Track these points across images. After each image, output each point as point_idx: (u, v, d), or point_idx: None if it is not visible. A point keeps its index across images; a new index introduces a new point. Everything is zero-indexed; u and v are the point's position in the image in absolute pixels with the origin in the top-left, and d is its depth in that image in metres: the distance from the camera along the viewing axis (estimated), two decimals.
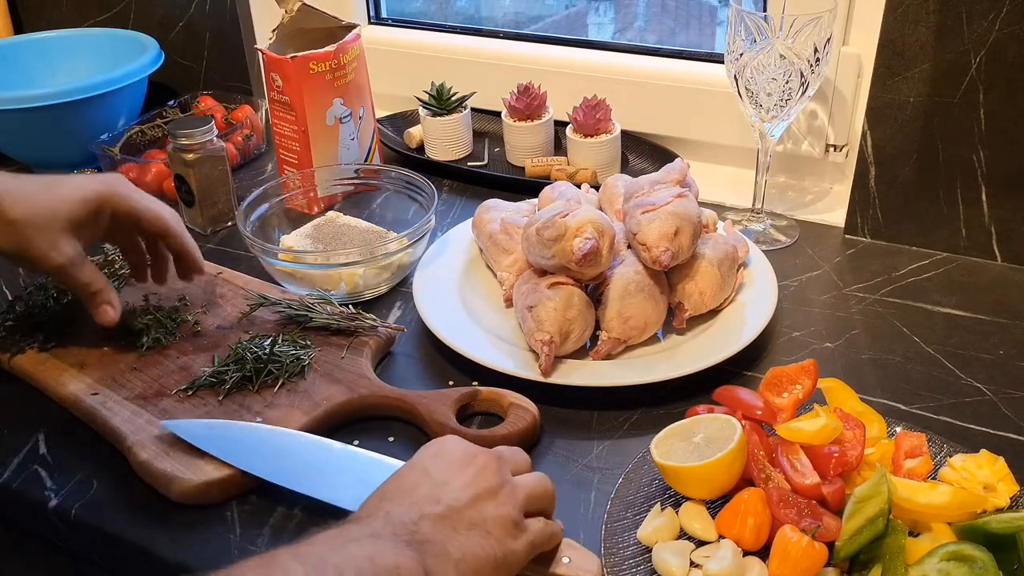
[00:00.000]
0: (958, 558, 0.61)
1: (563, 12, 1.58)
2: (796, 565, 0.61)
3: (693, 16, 1.48)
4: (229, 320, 0.94)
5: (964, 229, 1.02)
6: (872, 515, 0.62)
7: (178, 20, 1.47)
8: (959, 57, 0.94)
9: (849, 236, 1.08)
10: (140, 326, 0.91)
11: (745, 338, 0.87)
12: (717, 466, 0.67)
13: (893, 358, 0.89)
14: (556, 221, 0.85)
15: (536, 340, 0.84)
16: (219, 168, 1.11)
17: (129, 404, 0.83)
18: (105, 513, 0.75)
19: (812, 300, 0.97)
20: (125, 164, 1.23)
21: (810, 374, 0.75)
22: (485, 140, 1.32)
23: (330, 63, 1.11)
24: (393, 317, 0.97)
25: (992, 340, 0.90)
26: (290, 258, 0.98)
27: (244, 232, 0.98)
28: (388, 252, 0.97)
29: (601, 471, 0.77)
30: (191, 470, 0.75)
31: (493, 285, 0.99)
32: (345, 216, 1.09)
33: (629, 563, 0.66)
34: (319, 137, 1.13)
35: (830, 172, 1.20)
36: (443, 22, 1.44)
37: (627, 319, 0.86)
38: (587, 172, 1.18)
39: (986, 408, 0.82)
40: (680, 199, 0.89)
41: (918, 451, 0.71)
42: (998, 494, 0.68)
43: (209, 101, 1.37)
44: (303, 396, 0.83)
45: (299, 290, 0.98)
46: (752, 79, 0.97)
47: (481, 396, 0.83)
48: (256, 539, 0.72)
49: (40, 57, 1.41)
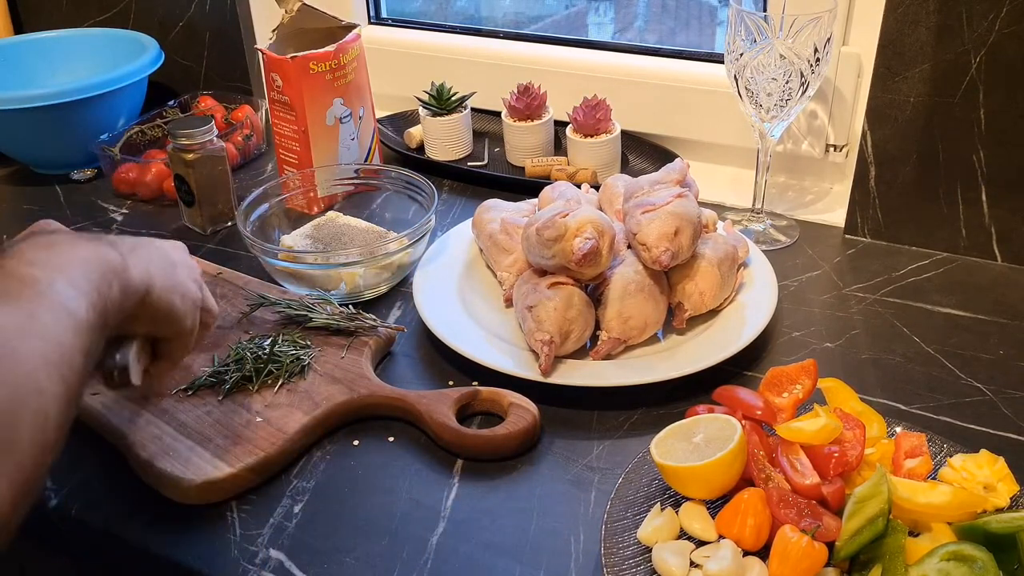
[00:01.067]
0: (958, 558, 0.61)
1: (563, 12, 1.58)
2: (796, 565, 0.62)
3: (693, 16, 1.48)
4: (229, 320, 0.94)
5: (964, 229, 1.02)
6: (872, 515, 0.62)
7: (178, 20, 1.47)
8: (959, 57, 0.94)
9: (849, 236, 1.08)
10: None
11: (745, 338, 0.87)
12: (717, 466, 0.67)
13: (893, 358, 0.89)
14: (556, 221, 0.85)
15: (536, 340, 0.84)
16: (219, 168, 1.11)
17: (129, 404, 0.83)
18: (105, 513, 0.75)
19: (812, 300, 0.97)
20: (125, 164, 1.23)
21: (810, 374, 0.75)
22: (485, 140, 1.32)
23: (330, 63, 1.11)
24: (393, 317, 0.97)
25: (992, 340, 0.90)
26: (290, 258, 0.98)
27: (244, 232, 0.98)
28: (388, 252, 0.97)
29: (601, 471, 0.77)
30: (191, 470, 0.75)
31: (493, 285, 0.99)
32: (345, 216, 1.09)
33: (629, 563, 0.66)
34: (319, 137, 1.13)
35: (830, 172, 1.20)
36: (443, 22, 1.44)
37: (627, 319, 0.86)
38: (587, 172, 1.18)
39: (986, 408, 0.82)
40: (680, 199, 0.89)
41: (918, 451, 0.71)
42: (998, 494, 0.68)
43: (209, 101, 1.37)
44: (303, 396, 0.83)
45: (299, 290, 0.98)
46: (752, 79, 0.97)
47: (481, 396, 0.83)
48: (256, 539, 0.72)
49: (40, 57, 1.41)
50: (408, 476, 0.78)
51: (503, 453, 0.78)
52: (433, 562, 0.70)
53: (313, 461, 0.80)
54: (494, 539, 0.71)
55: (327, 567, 0.70)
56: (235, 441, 0.78)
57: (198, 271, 0.72)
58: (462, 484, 0.77)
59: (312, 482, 0.77)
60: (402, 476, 0.78)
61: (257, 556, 0.71)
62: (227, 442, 0.78)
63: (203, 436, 0.79)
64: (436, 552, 0.71)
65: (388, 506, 0.75)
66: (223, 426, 0.80)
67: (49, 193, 1.28)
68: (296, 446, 0.79)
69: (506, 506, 0.74)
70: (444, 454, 0.80)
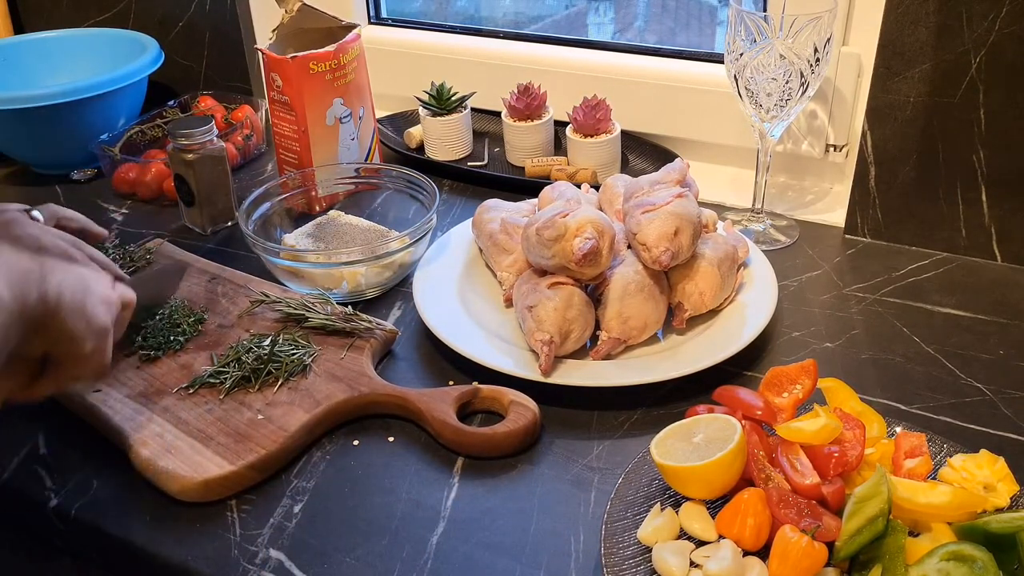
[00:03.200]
0: (958, 558, 0.61)
1: (563, 12, 1.58)
2: (796, 565, 0.62)
3: (693, 16, 1.48)
4: (230, 319, 0.94)
5: (964, 229, 1.02)
6: (872, 515, 0.62)
7: (178, 20, 1.47)
8: (959, 57, 0.94)
9: (849, 236, 1.08)
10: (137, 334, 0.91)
11: (745, 338, 0.87)
12: (717, 466, 0.67)
13: (893, 358, 0.89)
14: (556, 221, 0.85)
15: (536, 340, 0.84)
16: (219, 168, 1.11)
17: (130, 402, 0.83)
18: (105, 513, 0.75)
19: (812, 300, 0.97)
20: (125, 164, 1.23)
21: (810, 374, 0.75)
22: (485, 140, 1.32)
23: (330, 63, 1.11)
24: (393, 317, 0.97)
25: (992, 340, 0.90)
26: (292, 257, 0.98)
27: (246, 231, 0.98)
28: (390, 251, 0.97)
29: (601, 471, 0.77)
30: (193, 468, 0.75)
31: (493, 285, 0.99)
32: (347, 215, 1.09)
33: (629, 563, 0.66)
34: (319, 137, 1.13)
35: (830, 172, 1.20)
36: (443, 22, 1.44)
37: (627, 319, 0.86)
38: (587, 172, 1.18)
39: (986, 408, 0.82)
40: (680, 199, 0.89)
41: (918, 451, 0.71)
42: (998, 494, 0.68)
43: (209, 101, 1.37)
44: (304, 394, 0.83)
45: (301, 289, 0.98)
46: (752, 79, 0.97)
47: (482, 394, 0.83)
48: (256, 539, 0.72)
49: (40, 57, 1.41)
50: (408, 476, 0.78)
51: (503, 451, 0.79)
52: (433, 562, 0.70)
53: (313, 461, 0.80)
54: (494, 539, 0.72)
55: (327, 567, 0.70)
56: (236, 439, 0.78)
57: (116, 307, 0.73)
58: (462, 484, 0.77)
59: (312, 482, 0.77)
60: (402, 476, 0.78)
61: (257, 556, 0.71)
62: (228, 440, 0.78)
63: (204, 434, 0.79)
64: (436, 552, 0.71)
65: (388, 506, 0.75)
66: (224, 424, 0.80)
67: (49, 193, 1.28)
68: (297, 444, 0.79)
69: (506, 506, 0.74)
70: (444, 454, 0.80)
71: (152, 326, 0.91)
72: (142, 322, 0.91)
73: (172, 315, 0.93)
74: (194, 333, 0.91)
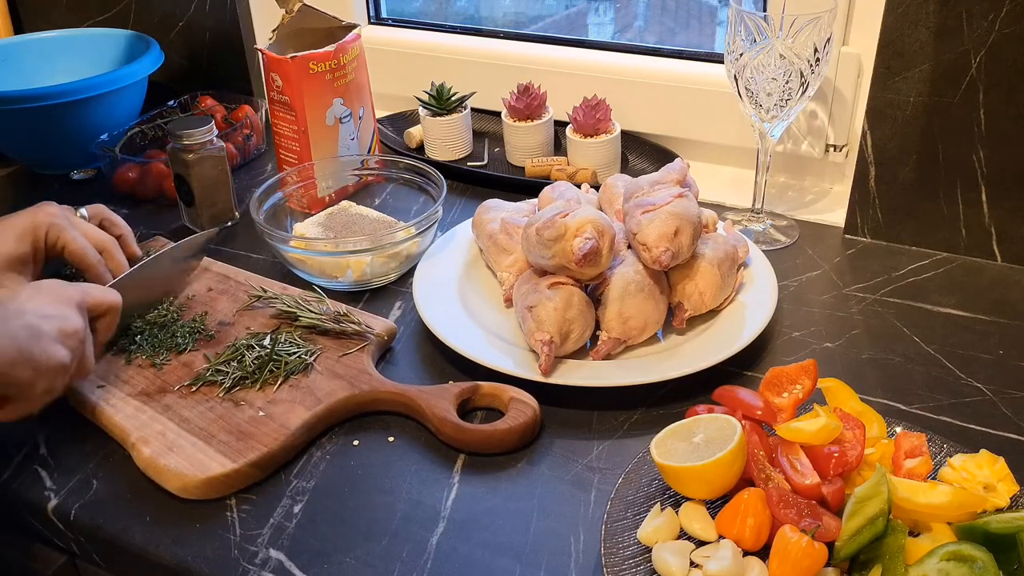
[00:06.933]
0: (958, 558, 0.61)
1: (563, 12, 1.58)
2: (796, 565, 0.62)
3: (693, 16, 1.48)
4: (231, 317, 0.94)
5: (964, 229, 1.02)
6: (872, 515, 0.62)
7: (178, 20, 1.47)
8: (959, 57, 0.94)
9: (849, 236, 1.08)
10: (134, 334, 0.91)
11: (745, 338, 0.87)
12: (717, 466, 0.67)
13: (893, 358, 0.89)
14: (556, 221, 0.85)
15: (536, 340, 0.84)
16: (219, 168, 1.11)
17: (132, 400, 0.83)
18: (105, 513, 0.76)
19: (812, 300, 0.97)
20: (125, 164, 1.23)
21: (810, 374, 0.75)
22: (485, 140, 1.32)
23: (330, 63, 1.11)
24: (393, 316, 0.97)
25: (992, 340, 0.90)
26: (301, 245, 0.99)
27: (257, 220, 1.00)
28: (395, 241, 0.98)
29: (601, 471, 0.77)
30: (194, 466, 0.75)
31: (493, 285, 0.99)
32: (358, 206, 1.11)
33: (629, 563, 0.66)
34: (319, 137, 1.13)
35: (830, 172, 1.20)
36: (443, 22, 1.44)
37: (627, 319, 0.86)
38: (587, 172, 1.18)
39: (986, 408, 0.82)
40: (680, 199, 0.89)
41: (918, 451, 0.71)
42: (998, 494, 0.68)
43: (209, 101, 1.37)
44: (305, 392, 0.83)
45: (309, 277, 1.00)
46: (752, 79, 0.97)
47: (482, 391, 0.83)
48: (256, 539, 0.72)
49: (40, 57, 1.41)
50: (408, 476, 0.78)
51: (504, 448, 0.79)
52: (433, 562, 0.70)
53: (313, 461, 0.80)
54: (494, 539, 0.72)
55: (327, 567, 0.70)
56: (238, 437, 0.78)
57: (80, 328, 0.75)
58: (462, 484, 0.77)
59: (312, 482, 0.77)
60: (402, 476, 0.78)
61: (257, 556, 0.71)
62: (230, 438, 0.78)
63: (206, 432, 0.79)
64: (436, 552, 0.71)
65: (388, 506, 0.75)
66: (226, 422, 0.80)
67: (49, 193, 1.28)
68: (298, 441, 0.80)
69: (506, 506, 0.74)
70: (444, 454, 0.80)
71: (148, 332, 0.91)
72: (139, 317, 0.93)
73: (171, 316, 0.93)
74: (194, 333, 0.91)
